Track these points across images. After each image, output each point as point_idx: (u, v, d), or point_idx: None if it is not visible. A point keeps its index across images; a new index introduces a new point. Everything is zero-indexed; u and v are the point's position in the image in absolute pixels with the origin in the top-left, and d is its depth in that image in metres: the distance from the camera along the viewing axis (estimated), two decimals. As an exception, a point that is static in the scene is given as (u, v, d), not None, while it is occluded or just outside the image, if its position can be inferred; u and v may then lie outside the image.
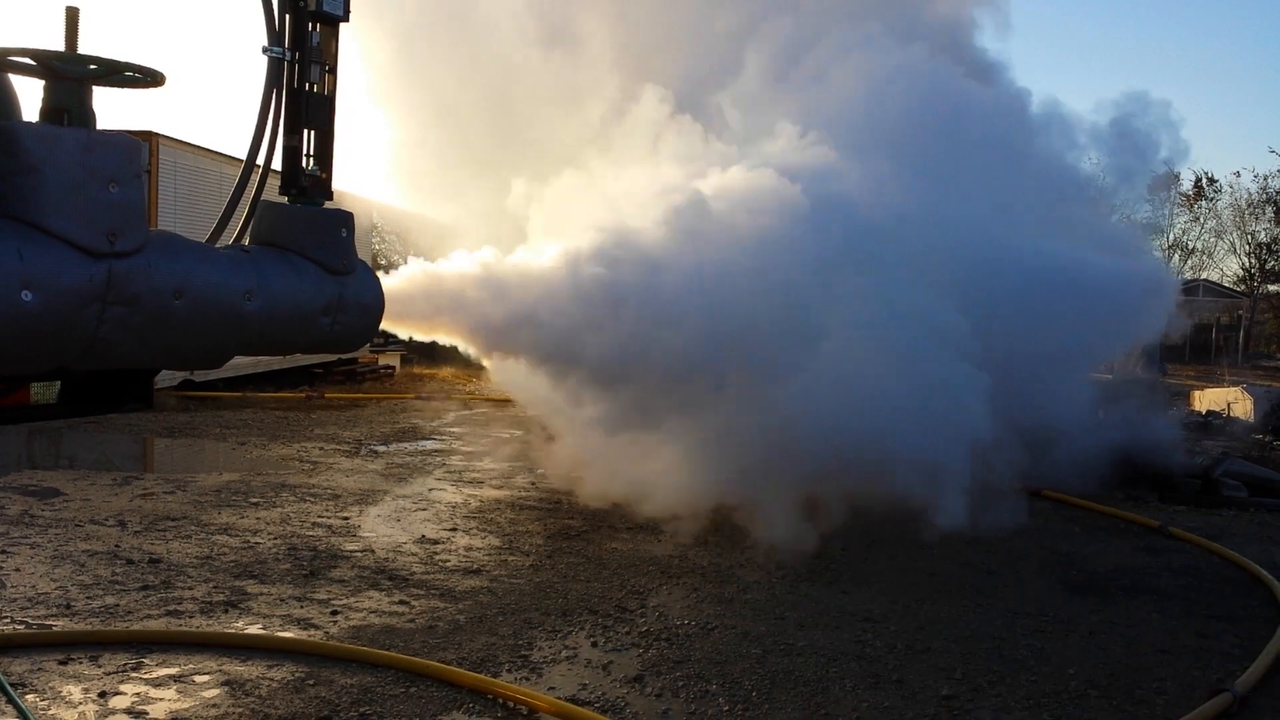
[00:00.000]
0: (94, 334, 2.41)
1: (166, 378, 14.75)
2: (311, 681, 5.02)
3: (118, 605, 5.93)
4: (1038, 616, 6.53)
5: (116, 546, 7.09)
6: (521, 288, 7.07)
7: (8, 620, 5.58)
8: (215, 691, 4.88)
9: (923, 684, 5.34)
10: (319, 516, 8.36)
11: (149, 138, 14.36)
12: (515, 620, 6.06)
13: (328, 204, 3.16)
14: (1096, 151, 13.21)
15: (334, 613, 6.06)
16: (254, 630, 5.71)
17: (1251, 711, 5.09)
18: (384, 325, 4.70)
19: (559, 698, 4.95)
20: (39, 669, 4.95)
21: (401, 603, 6.30)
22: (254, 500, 8.83)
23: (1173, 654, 5.92)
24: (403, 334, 6.21)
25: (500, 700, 4.90)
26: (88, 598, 6.02)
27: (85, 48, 2.45)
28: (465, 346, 6.99)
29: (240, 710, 4.67)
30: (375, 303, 3.23)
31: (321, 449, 11.64)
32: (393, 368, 20.81)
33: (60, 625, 5.57)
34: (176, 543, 7.34)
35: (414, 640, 5.66)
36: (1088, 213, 12.61)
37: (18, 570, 6.43)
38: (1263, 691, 5.33)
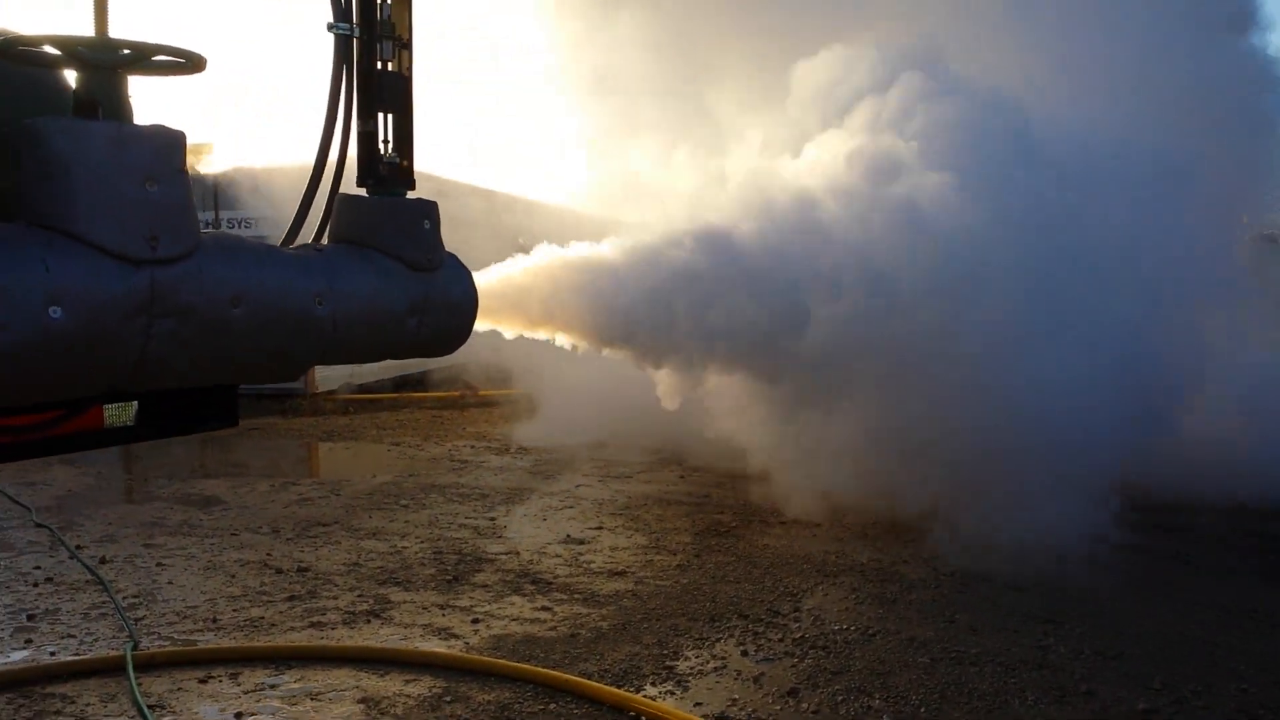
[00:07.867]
0: (142, 351, 2.17)
1: (328, 381, 15.01)
2: (449, 698, 4.80)
3: (262, 618, 5.88)
4: (1242, 613, 5.80)
5: (268, 555, 7.09)
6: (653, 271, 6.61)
7: (156, 636, 5.59)
8: (350, 708, 4.72)
9: (1115, 696, 4.75)
10: (466, 518, 8.24)
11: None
12: (661, 627, 5.72)
13: (410, 194, 2.87)
14: None
15: (475, 621, 5.86)
16: (395, 642, 5.56)
17: None
18: (484, 324, 4.41)
19: (706, 714, 4.60)
20: (179, 689, 4.88)
21: (544, 609, 6.05)
22: (404, 503, 8.79)
23: None
24: (507, 333, 5.80)
25: (644, 719, 4.58)
26: (234, 610, 5.99)
27: (117, 32, 2.20)
28: (581, 341, 6.50)
29: (373, 731, 4.50)
30: (466, 300, 2.91)
31: (472, 447, 11.60)
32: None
33: (206, 640, 5.54)
34: (325, 549, 7.31)
35: (555, 650, 5.40)
36: None
37: (170, 583, 6.47)
38: None
